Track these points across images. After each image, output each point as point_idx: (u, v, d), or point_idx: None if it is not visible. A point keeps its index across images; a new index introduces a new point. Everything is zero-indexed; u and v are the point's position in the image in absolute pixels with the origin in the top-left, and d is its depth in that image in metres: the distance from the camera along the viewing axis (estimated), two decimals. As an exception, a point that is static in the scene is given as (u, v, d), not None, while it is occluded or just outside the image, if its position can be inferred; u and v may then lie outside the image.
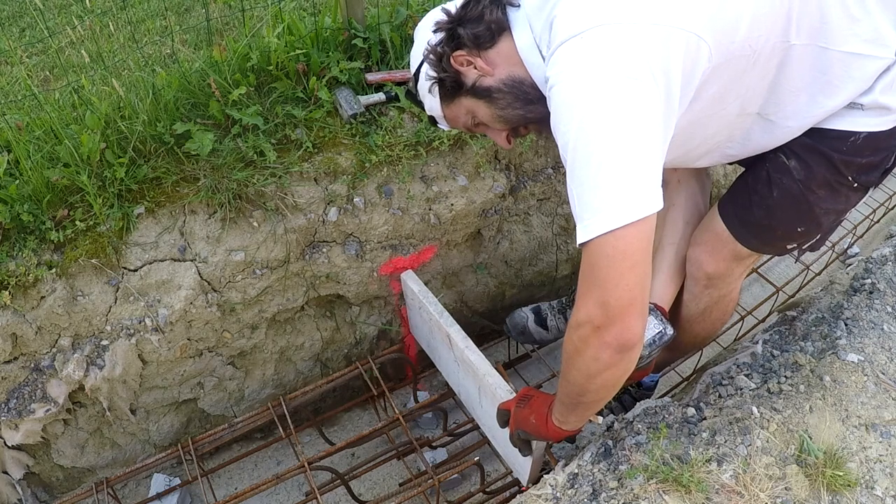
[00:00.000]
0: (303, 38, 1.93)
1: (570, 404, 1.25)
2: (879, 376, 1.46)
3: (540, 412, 1.37)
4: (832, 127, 1.28)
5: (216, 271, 1.78)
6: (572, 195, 1.07)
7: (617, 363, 1.08)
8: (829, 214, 1.42)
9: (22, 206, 1.63)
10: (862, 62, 1.19)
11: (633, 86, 1.01)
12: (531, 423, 1.38)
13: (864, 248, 2.78)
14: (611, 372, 1.10)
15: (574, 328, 1.10)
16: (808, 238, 1.49)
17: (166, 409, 1.99)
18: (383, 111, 1.95)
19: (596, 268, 1.05)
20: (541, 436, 1.38)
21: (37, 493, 1.93)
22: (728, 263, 1.56)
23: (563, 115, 1.04)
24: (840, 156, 1.31)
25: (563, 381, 1.21)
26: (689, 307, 1.68)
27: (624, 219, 1.01)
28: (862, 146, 1.29)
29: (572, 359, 1.13)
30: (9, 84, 2.91)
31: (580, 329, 1.08)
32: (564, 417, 1.29)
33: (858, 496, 1.25)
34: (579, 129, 1.01)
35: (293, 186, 1.82)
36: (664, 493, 1.22)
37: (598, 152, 1.01)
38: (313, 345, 2.09)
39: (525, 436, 1.42)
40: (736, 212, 1.51)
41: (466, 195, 2.04)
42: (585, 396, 1.18)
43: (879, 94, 1.22)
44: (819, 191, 1.37)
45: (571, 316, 1.11)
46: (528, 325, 2.19)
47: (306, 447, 2.15)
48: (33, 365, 1.72)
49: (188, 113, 1.81)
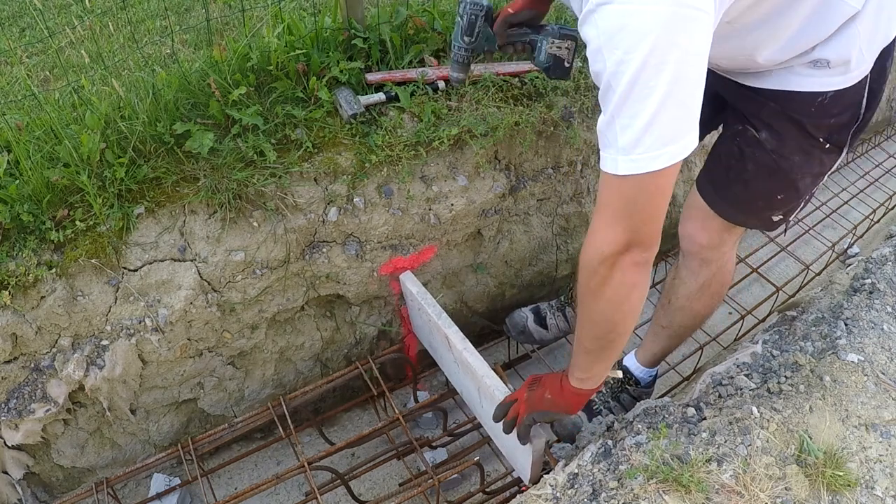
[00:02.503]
0: (303, 38, 1.93)
1: (596, 350, 1.25)
2: (879, 376, 1.46)
3: (553, 386, 1.37)
4: (799, 89, 1.31)
5: (216, 271, 1.78)
6: (614, 124, 1.03)
7: (643, 280, 1.13)
8: (806, 178, 1.45)
9: (22, 206, 1.63)
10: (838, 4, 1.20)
11: (701, 19, 0.98)
12: (547, 399, 1.38)
13: (864, 248, 2.78)
14: (638, 292, 1.14)
15: (597, 260, 1.11)
16: (788, 204, 1.52)
17: (166, 409, 1.99)
18: (383, 111, 1.95)
19: (633, 202, 1.06)
20: (560, 408, 1.38)
21: (37, 493, 1.93)
22: (720, 233, 1.60)
23: (622, 41, 0.98)
24: (809, 119, 1.33)
25: (587, 325, 1.22)
26: (688, 284, 1.72)
27: (674, 159, 1.01)
28: (829, 106, 1.31)
29: (599, 292, 1.14)
30: (9, 84, 2.91)
31: (606, 258, 1.09)
32: (588, 372, 1.29)
33: (858, 496, 1.25)
34: (644, 62, 0.96)
35: (293, 186, 1.82)
36: (664, 493, 1.22)
37: (661, 89, 0.97)
38: (313, 345, 2.09)
39: (541, 416, 1.42)
40: (715, 190, 1.56)
41: (466, 195, 2.04)
42: (614, 330, 1.19)
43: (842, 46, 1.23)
44: (792, 157, 1.39)
45: (589, 248, 1.12)
46: (528, 324, 2.19)
47: (306, 447, 2.15)
48: (33, 365, 1.72)
49: (188, 113, 1.81)
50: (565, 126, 2.21)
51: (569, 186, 2.37)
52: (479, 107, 2.02)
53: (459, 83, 1.60)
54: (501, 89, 2.08)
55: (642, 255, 1.10)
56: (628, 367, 2.00)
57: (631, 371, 1.99)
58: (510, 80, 2.10)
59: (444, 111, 1.98)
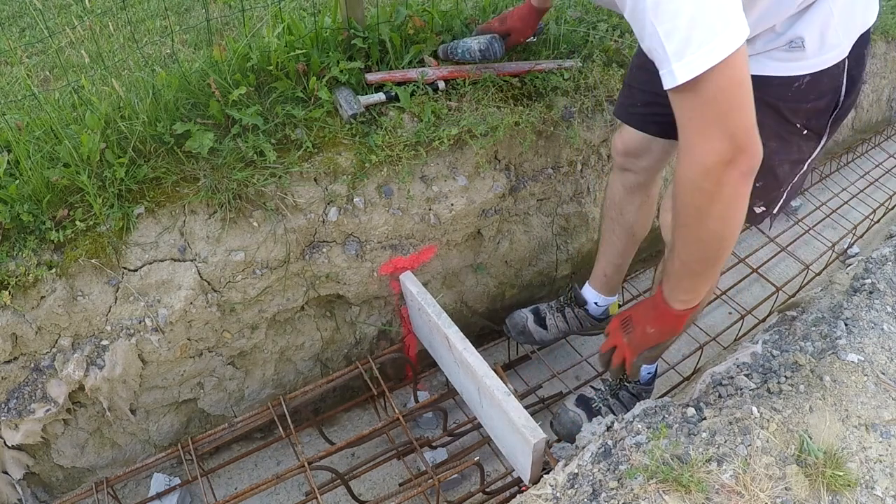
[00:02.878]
0: (303, 38, 1.93)
1: (703, 270, 1.22)
2: (879, 376, 1.46)
3: (654, 319, 1.36)
4: (776, 73, 1.32)
5: (216, 271, 1.78)
6: (657, 34, 1.01)
7: (748, 190, 1.09)
8: (784, 164, 1.45)
9: (22, 206, 1.63)
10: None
11: None
12: (651, 334, 1.37)
13: (864, 248, 2.78)
14: (744, 201, 1.10)
15: (701, 175, 1.07)
16: (769, 193, 1.52)
17: (166, 409, 1.99)
18: (383, 111, 1.95)
19: (713, 102, 1.02)
20: (667, 335, 1.37)
21: (37, 493, 1.93)
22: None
23: None
24: (786, 103, 1.34)
25: (695, 246, 1.18)
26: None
27: (734, 44, 0.98)
28: (807, 90, 1.32)
29: (706, 210, 1.11)
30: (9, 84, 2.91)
31: (711, 172, 1.06)
32: (694, 293, 1.27)
33: (858, 496, 1.25)
34: None
35: (293, 186, 1.82)
36: (664, 493, 1.22)
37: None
38: (313, 345, 2.09)
39: (650, 352, 1.42)
40: None
41: (466, 195, 2.04)
42: (723, 246, 1.17)
43: (815, 23, 1.25)
44: (770, 143, 1.40)
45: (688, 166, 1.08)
46: (528, 324, 2.19)
47: (306, 447, 2.15)
48: (33, 365, 1.72)
49: (188, 113, 1.81)
50: (565, 126, 2.21)
51: (569, 186, 2.37)
52: (479, 107, 2.02)
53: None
54: (501, 89, 2.08)
55: (749, 163, 1.05)
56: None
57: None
58: (510, 80, 2.10)
59: (444, 111, 1.98)
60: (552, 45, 2.22)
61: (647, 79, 1.73)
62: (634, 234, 2.01)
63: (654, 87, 1.71)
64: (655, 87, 1.76)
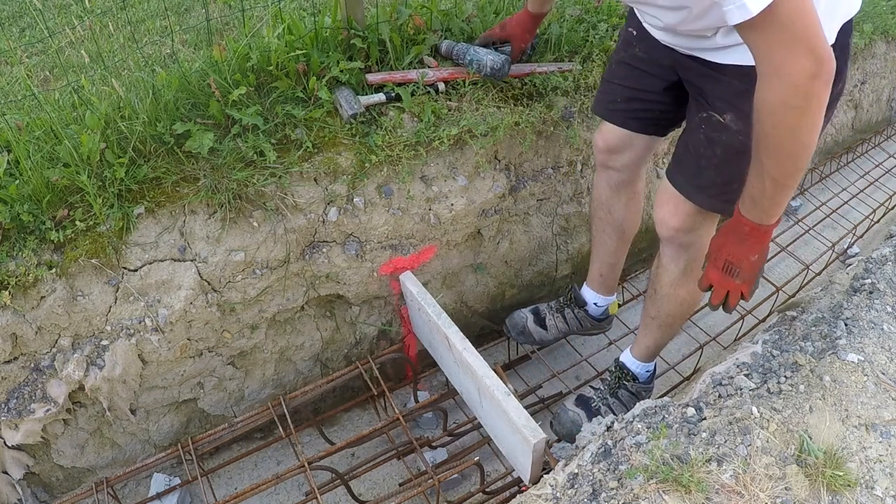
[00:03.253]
0: (303, 38, 1.93)
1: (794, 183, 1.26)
2: (879, 376, 1.46)
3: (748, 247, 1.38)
4: None
5: (216, 271, 1.78)
6: None
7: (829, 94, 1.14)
8: None
9: (22, 206, 1.63)
10: None
11: None
12: (755, 261, 1.40)
13: (864, 248, 2.78)
14: (826, 105, 1.15)
15: (792, 95, 1.12)
16: None
17: (166, 409, 1.99)
18: (383, 111, 1.95)
19: (790, 25, 1.07)
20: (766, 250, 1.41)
21: (37, 493, 1.93)
22: (693, 217, 1.63)
23: None
24: None
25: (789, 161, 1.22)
26: (670, 271, 1.75)
27: None
28: None
29: (799, 125, 1.15)
30: (9, 84, 2.91)
31: (800, 89, 1.11)
32: (783, 205, 1.31)
33: (858, 496, 1.25)
34: None
35: (293, 186, 1.82)
36: (664, 493, 1.22)
37: None
38: (313, 345, 2.09)
39: (761, 272, 1.45)
40: (688, 180, 1.59)
41: (466, 195, 2.04)
42: (811, 150, 1.21)
43: None
44: None
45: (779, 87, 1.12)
46: (528, 325, 2.19)
47: (306, 447, 2.15)
48: (33, 365, 1.72)
49: (188, 113, 1.81)
50: (565, 126, 2.21)
51: (569, 186, 2.38)
52: (479, 107, 2.02)
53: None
54: (501, 89, 2.09)
55: (830, 70, 1.10)
56: (625, 363, 2.01)
57: (628, 367, 2.00)
58: (510, 80, 2.10)
59: (444, 111, 1.98)
60: (553, 46, 2.23)
61: (627, 74, 1.74)
62: (625, 232, 2.01)
63: (635, 83, 1.72)
64: (636, 83, 1.76)
